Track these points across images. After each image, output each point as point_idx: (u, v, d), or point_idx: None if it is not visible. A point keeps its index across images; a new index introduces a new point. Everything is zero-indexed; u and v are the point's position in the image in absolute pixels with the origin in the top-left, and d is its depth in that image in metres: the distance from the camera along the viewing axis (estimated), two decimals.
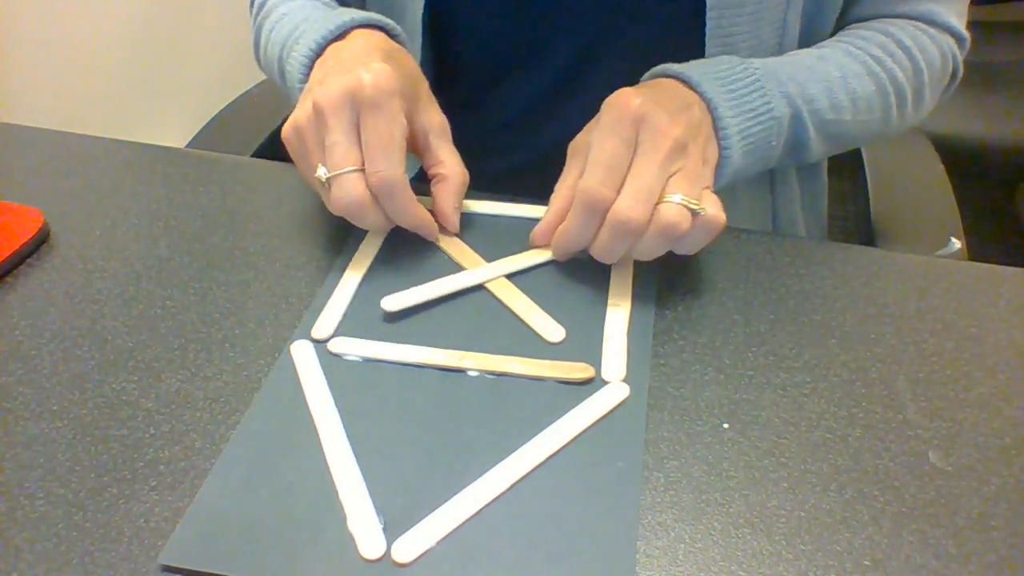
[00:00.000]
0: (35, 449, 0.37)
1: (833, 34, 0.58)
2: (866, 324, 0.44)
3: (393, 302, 0.44)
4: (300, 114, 0.44)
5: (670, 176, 0.42)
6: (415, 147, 0.48)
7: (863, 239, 0.70)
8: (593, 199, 0.41)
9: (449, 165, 0.48)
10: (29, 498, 0.35)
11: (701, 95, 0.46)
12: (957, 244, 0.65)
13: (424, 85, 0.48)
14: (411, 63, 0.49)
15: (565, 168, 0.47)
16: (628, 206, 0.41)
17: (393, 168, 0.42)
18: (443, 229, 0.49)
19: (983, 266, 0.49)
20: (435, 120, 0.48)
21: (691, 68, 0.48)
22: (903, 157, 0.80)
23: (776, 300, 0.46)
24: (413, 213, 0.45)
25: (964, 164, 1.07)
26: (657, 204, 0.41)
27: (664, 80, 0.48)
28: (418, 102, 0.47)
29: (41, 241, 0.49)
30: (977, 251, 0.67)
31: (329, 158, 0.43)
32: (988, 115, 1.17)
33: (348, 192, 0.42)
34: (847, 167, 0.81)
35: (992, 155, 1.15)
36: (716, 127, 0.46)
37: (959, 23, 0.57)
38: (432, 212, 0.48)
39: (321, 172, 0.43)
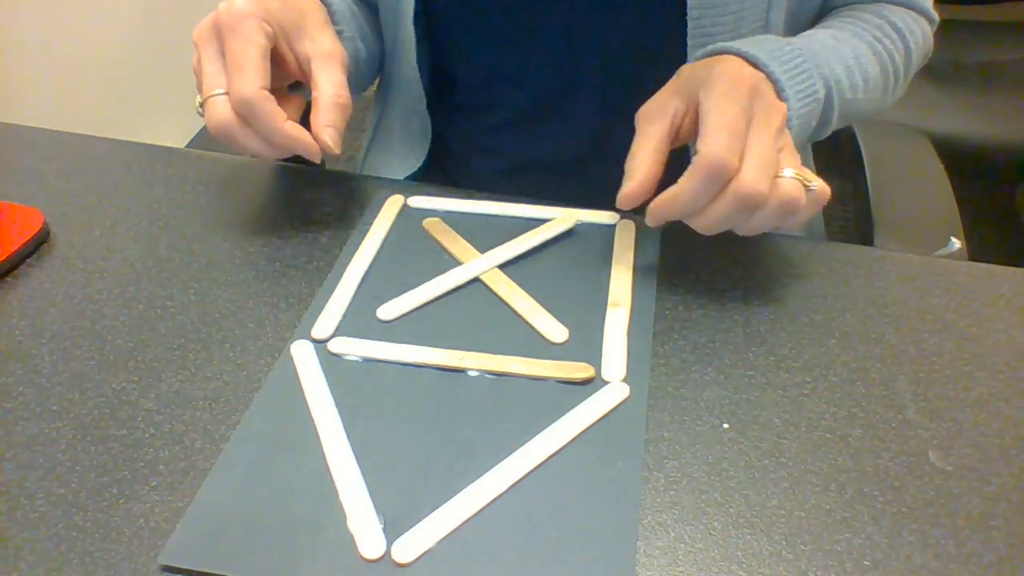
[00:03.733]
0: (35, 449, 0.37)
1: (816, 20, 0.59)
2: (866, 324, 0.44)
3: (388, 311, 0.44)
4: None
5: (778, 151, 0.41)
6: (303, 77, 0.48)
7: (863, 239, 0.70)
8: (720, 166, 0.39)
9: (321, 87, 0.46)
10: (29, 498, 0.35)
11: (768, 75, 0.45)
12: (957, 244, 0.65)
13: (316, 16, 0.48)
14: None
15: (639, 134, 0.44)
16: (755, 178, 0.39)
17: (247, 85, 0.43)
18: (326, 152, 0.47)
19: (983, 266, 0.49)
20: (321, 46, 0.47)
21: (753, 47, 0.46)
22: (903, 157, 0.80)
23: (776, 300, 0.46)
24: (280, 130, 0.44)
25: (964, 164, 1.07)
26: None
27: (728, 57, 0.46)
28: (302, 31, 0.47)
29: (41, 241, 0.49)
30: (977, 251, 0.67)
31: (201, 86, 0.44)
32: (988, 115, 1.17)
33: (214, 115, 0.44)
34: (847, 167, 0.81)
35: (992, 155, 1.15)
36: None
37: (929, 5, 0.60)
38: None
39: (197, 100, 0.45)
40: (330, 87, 0.47)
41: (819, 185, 0.42)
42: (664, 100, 0.44)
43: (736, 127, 0.40)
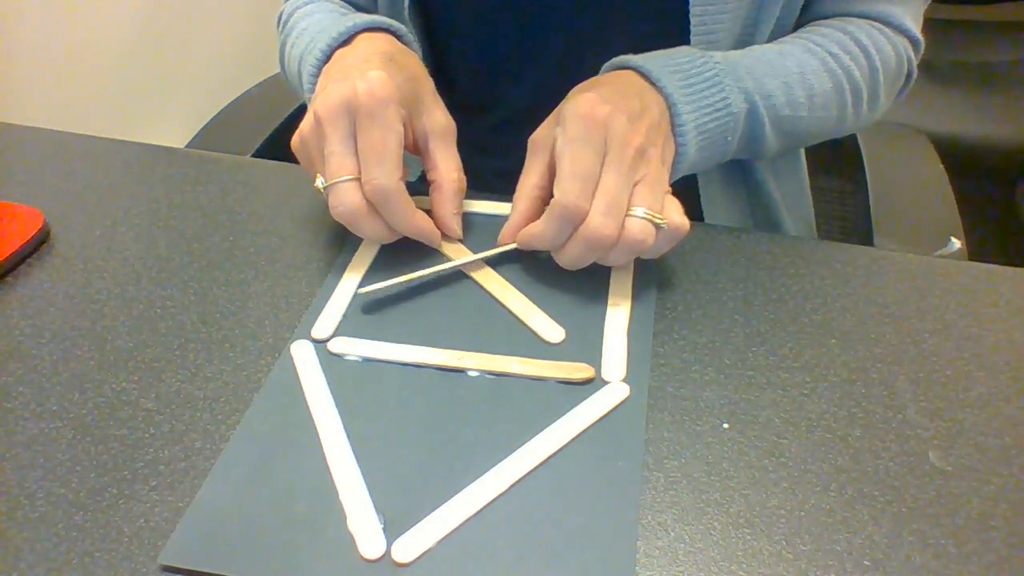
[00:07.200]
0: (35, 449, 0.37)
1: (793, 31, 0.58)
2: (866, 324, 0.44)
3: (369, 288, 0.44)
4: (304, 124, 0.45)
5: (634, 184, 0.42)
6: (417, 150, 0.48)
7: (863, 239, 0.70)
8: (572, 213, 0.41)
9: (442, 171, 0.47)
10: (29, 498, 0.35)
11: (660, 90, 0.46)
12: (957, 244, 0.65)
13: (428, 85, 0.48)
14: (415, 64, 0.48)
15: (527, 165, 0.47)
16: (601, 223, 0.41)
17: (387, 176, 0.42)
18: (448, 236, 0.48)
19: (983, 266, 0.49)
20: (437, 122, 0.47)
21: (651, 61, 0.47)
22: (903, 157, 0.80)
23: (776, 300, 0.46)
24: (411, 221, 0.45)
25: (964, 164, 1.07)
26: (624, 216, 0.41)
27: (623, 73, 0.48)
28: (420, 104, 0.47)
29: (41, 241, 0.49)
30: (977, 251, 0.67)
31: (327, 167, 0.43)
32: (988, 115, 1.17)
33: (344, 201, 0.43)
34: (847, 167, 0.81)
35: (992, 155, 1.15)
36: (673, 123, 0.46)
37: (914, 26, 0.58)
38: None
39: (319, 182, 0.44)
40: (452, 171, 0.47)
41: (672, 222, 0.42)
42: (549, 128, 0.46)
43: (587, 172, 0.41)
